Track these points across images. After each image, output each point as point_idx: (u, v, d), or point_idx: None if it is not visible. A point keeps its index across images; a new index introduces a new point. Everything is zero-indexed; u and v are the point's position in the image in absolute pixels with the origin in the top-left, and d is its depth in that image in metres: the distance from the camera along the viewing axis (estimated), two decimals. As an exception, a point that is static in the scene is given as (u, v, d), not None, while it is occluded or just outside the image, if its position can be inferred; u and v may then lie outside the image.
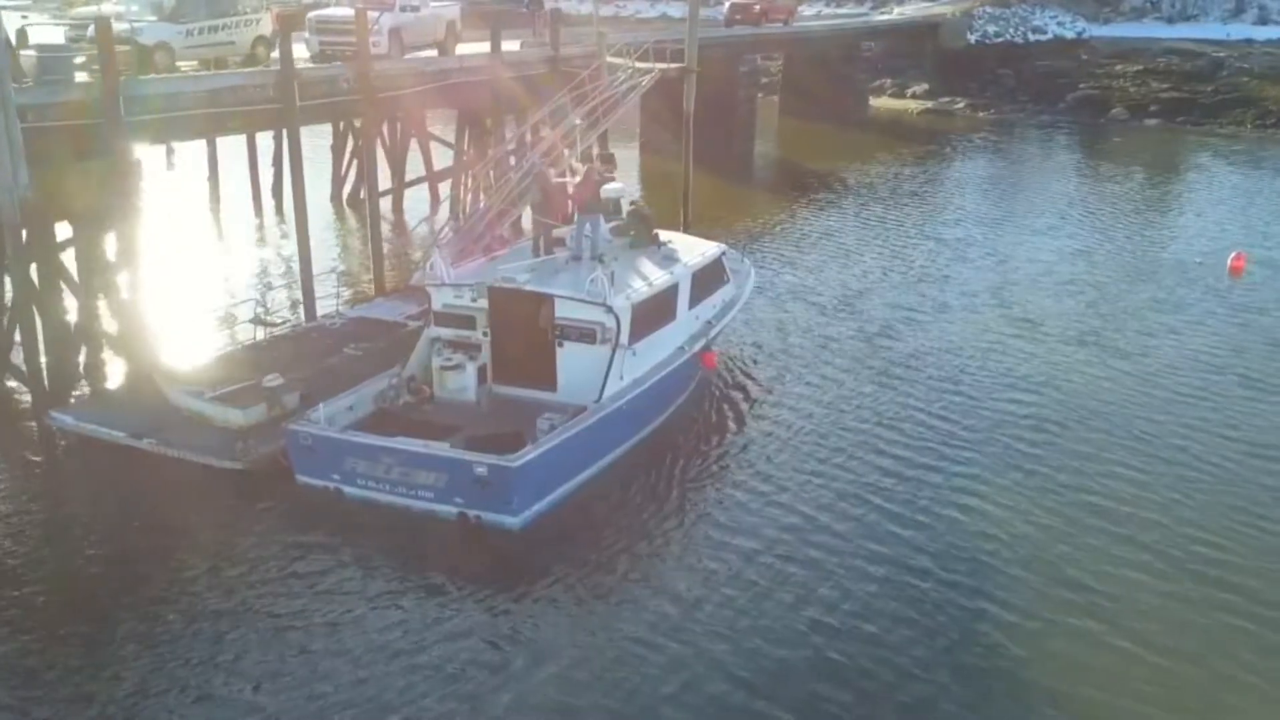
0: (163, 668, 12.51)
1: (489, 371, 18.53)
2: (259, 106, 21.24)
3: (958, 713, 12.01)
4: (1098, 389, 20.91)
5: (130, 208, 18.92)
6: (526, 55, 29.45)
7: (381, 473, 15.76)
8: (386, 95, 23.80)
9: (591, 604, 13.99)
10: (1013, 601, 14.01)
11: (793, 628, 13.43)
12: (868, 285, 27.74)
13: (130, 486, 16.53)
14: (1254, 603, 13.91)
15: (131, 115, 18.55)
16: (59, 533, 15.60)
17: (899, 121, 59.06)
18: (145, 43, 22.66)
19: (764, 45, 54.82)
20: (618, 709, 12.00)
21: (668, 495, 16.88)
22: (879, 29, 65.08)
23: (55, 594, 14.06)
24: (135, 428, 17.16)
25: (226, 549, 14.95)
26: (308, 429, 16.12)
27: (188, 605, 13.75)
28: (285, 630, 13.24)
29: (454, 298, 18.48)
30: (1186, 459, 18.00)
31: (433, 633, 13.21)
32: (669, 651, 12.93)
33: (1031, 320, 24.99)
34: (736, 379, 21.60)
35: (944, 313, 25.52)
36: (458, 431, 16.92)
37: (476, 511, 15.32)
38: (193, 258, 27.76)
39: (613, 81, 30.39)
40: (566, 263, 18.97)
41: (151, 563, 14.71)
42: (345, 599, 13.88)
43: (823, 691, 12.28)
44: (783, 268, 29.56)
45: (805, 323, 24.72)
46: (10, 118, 16.62)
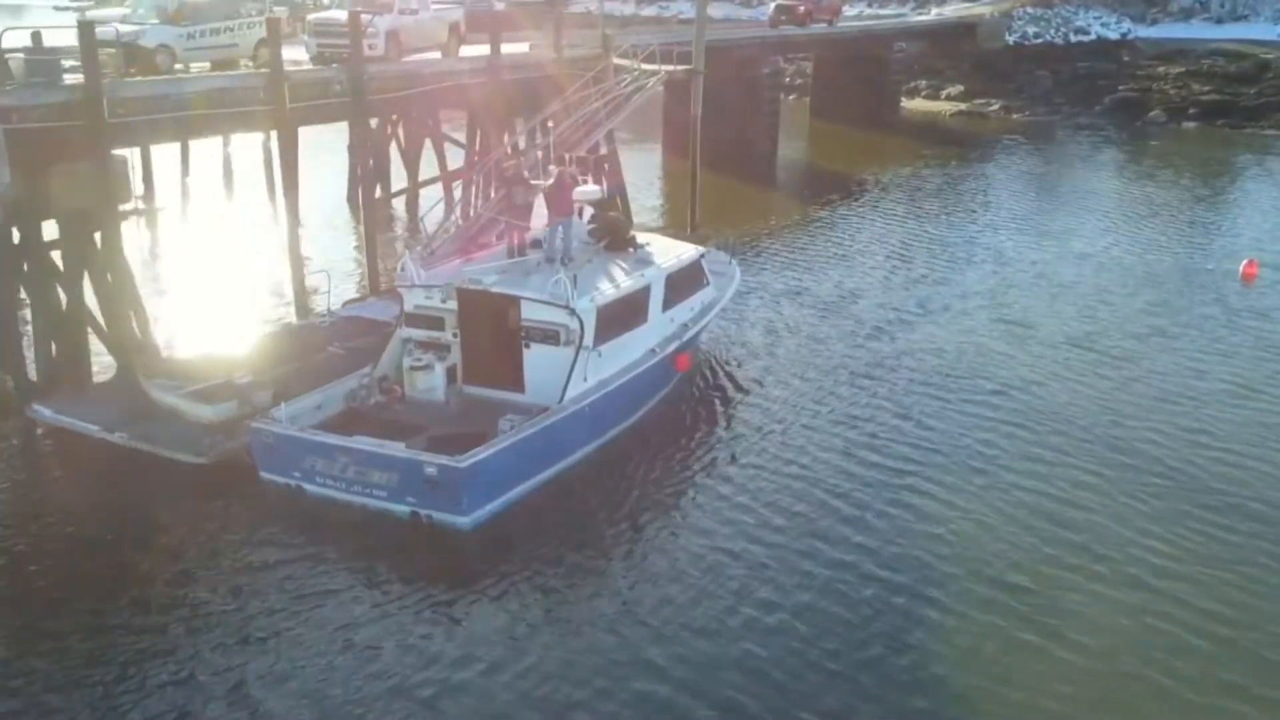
0: (102, 655, 12.80)
1: (459, 372, 18.71)
2: (250, 108, 21.54)
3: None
4: (1079, 394, 20.69)
5: (115, 207, 19.34)
6: (528, 58, 29.56)
7: (338, 471, 15.99)
8: (378, 98, 24.02)
9: (532, 603, 14.04)
10: (951, 607, 13.93)
11: (725, 627, 13.44)
12: (868, 289, 27.56)
13: (100, 478, 16.93)
14: (1242, 628, 13.65)
15: (116, 117, 18.94)
16: (19, 520, 15.98)
17: (930, 124, 58.53)
18: (147, 45, 23.19)
19: (790, 47, 54.69)
20: (540, 703, 12.09)
21: (627, 497, 16.88)
22: (914, 30, 64.53)
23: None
24: (109, 421, 17.57)
25: (181, 542, 15.28)
26: (269, 427, 16.39)
27: (134, 595, 14.06)
28: (223, 620, 13.49)
29: (424, 299, 18.70)
30: (1159, 466, 17.76)
31: (369, 627, 13.39)
32: (600, 649, 13.02)
33: (1026, 324, 24.74)
34: (718, 381, 21.61)
35: (938, 317, 25.30)
36: (423, 431, 17.12)
37: (428, 511, 15.50)
38: (191, 255, 28.34)
39: (619, 83, 30.57)
40: (538, 265, 19.10)
41: (104, 553, 15.05)
42: (289, 592, 14.10)
43: (746, 691, 12.30)
44: (785, 269, 29.49)
45: (798, 325, 24.65)
46: (-9, 119, 17.11)
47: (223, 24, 24.93)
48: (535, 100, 28.39)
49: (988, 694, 12.42)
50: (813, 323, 24.86)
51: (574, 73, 29.31)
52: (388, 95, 24.37)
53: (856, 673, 12.67)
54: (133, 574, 14.63)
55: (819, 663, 12.83)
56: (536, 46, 32.16)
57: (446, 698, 12.17)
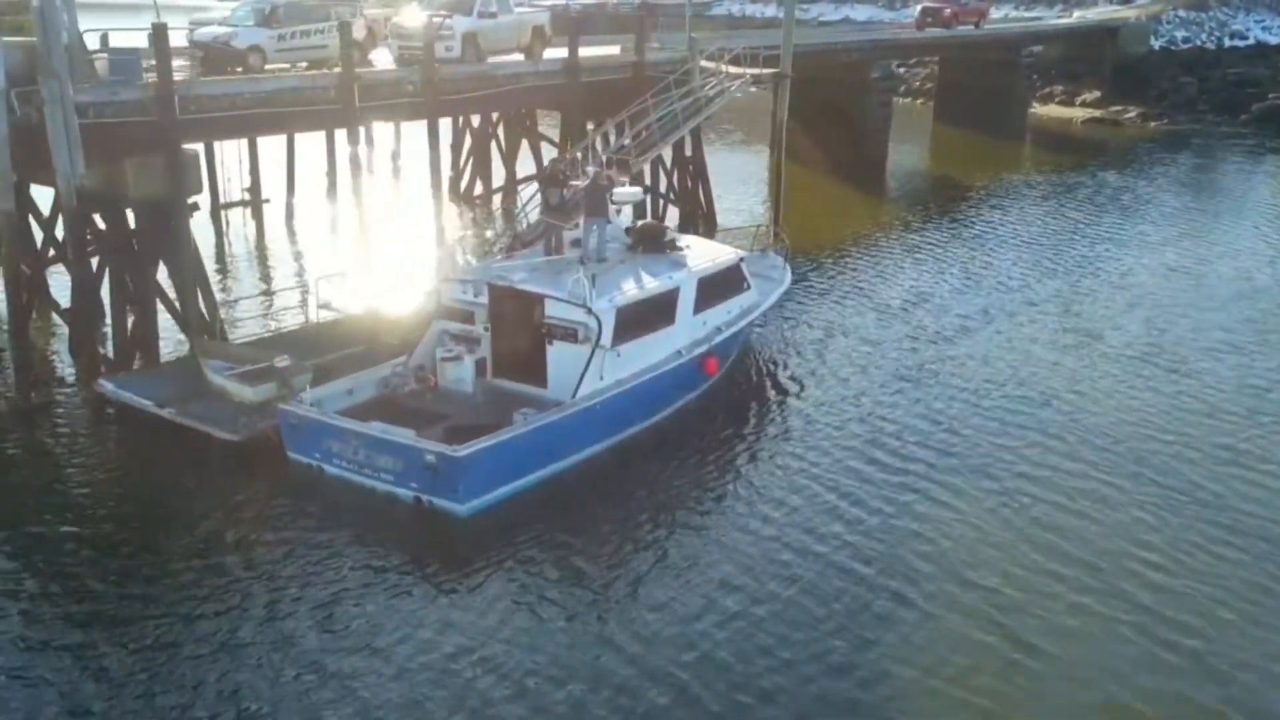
0: (112, 602, 13.91)
1: (489, 365, 19.34)
2: (320, 107, 22.70)
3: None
4: (1125, 409, 20.22)
5: (184, 197, 20.67)
6: (607, 60, 30.07)
7: (351, 454, 16.81)
8: (449, 98, 24.91)
9: (510, 592, 14.41)
10: (938, 616, 13.86)
11: (698, 632, 13.52)
12: (940, 296, 27.13)
13: (146, 449, 18.23)
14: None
15: (187, 113, 20.28)
16: (69, 483, 17.37)
17: (1059, 131, 56.68)
18: (239, 46, 24.69)
19: (908, 50, 53.90)
20: (487, 686, 12.56)
21: (635, 496, 17.10)
22: (1052, 33, 62.52)
23: (48, 536, 15.70)
24: (162, 397, 18.85)
25: (202, 510, 16.30)
26: (295, 409, 17.34)
27: (147, 555, 15.21)
28: (221, 583, 14.41)
29: (460, 292, 19.40)
30: (1190, 488, 17.23)
31: (354, 596, 14.14)
32: (566, 645, 13.31)
33: (1090, 336, 24.27)
34: (758, 382, 21.73)
35: (1001, 325, 24.87)
36: (443, 420, 17.83)
37: (428, 496, 16.16)
38: (282, 244, 29.89)
39: (702, 86, 30.84)
40: (569, 264, 19.56)
41: (133, 514, 16.32)
42: (287, 562, 14.95)
43: (712, 691, 12.47)
44: (860, 272, 29.25)
45: (855, 329, 24.47)
46: (69, 113, 18.55)
47: (314, 27, 26.26)
48: (614, 102, 28.84)
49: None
50: (871, 327, 24.66)
51: (656, 75, 29.69)
52: (458, 96, 25.16)
53: (826, 666, 12.89)
54: (150, 535, 15.77)
55: (793, 662, 13.00)
56: (627, 50, 32.66)
57: (400, 671, 12.72)
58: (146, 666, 12.80)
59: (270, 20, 25.41)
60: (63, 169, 18.80)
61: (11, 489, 17.12)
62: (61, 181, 18.92)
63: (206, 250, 30.09)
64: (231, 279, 28.26)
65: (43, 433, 19.13)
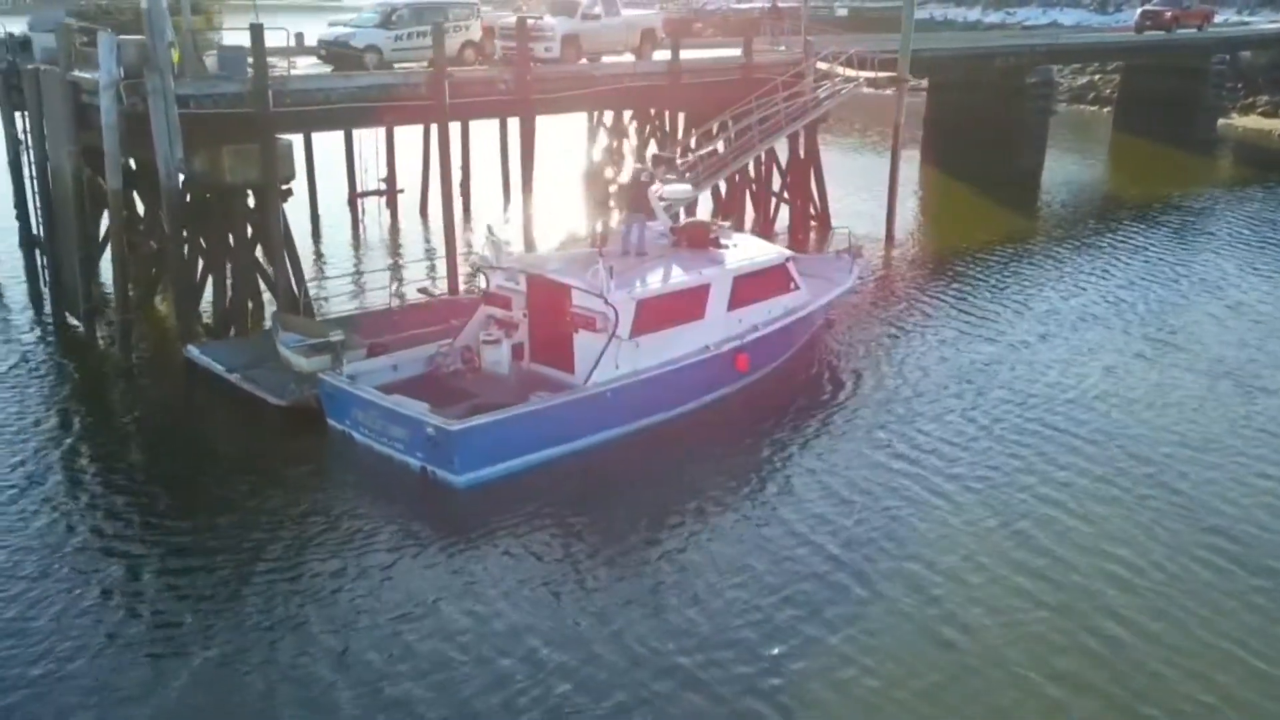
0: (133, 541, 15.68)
1: (526, 350, 20.32)
2: (412, 103, 24.25)
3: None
4: (1186, 440, 19.19)
5: (278, 183, 22.59)
6: (713, 63, 30.52)
7: (372, 423, 18.15)
8: (542, 97, 26.00)
9: (491, 565, 15.17)
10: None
11: (653, 632, 13.74)
12: (1053, 327, 25.16)
13: (211, 407, 20.34)
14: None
15: (282, 106, 22.17)
16: (143, 432, 19.57)
17: (1254, 143, 53.00)
18: (357, 45, 26.60)
19: (1073, 55, 51.75)
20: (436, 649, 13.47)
21: (640, 484, 17.59)
22: (1259, 39, 58.30)
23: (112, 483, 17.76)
24: (233, 364, 20.80)
25: (235, 464, 18.09)
26: (331, 380, 18.83)
27: (176, 499, 17.08)
28: (232, 530, 16.01)
29: (503, 280, 20.46)
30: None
31: (346, 551, 15.40)
32: (529, 612, 14.03)
33: (1190, 370, 22.75)
34: (800, 385, 21.67)
35: (1083, 340, 23.87)
36: (471, 399, 18.93)
37: (431, 466, 17.29)
38: (398, 232, 31.83)
39: (814, 89, 30.89)
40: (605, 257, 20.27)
41: (180, 462, 18.26)
42: (299, 512, 16.51)
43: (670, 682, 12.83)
44: (968, 286, 28.41)
45: (934, 348, 23.81)
46: (170, 104, 20.71)
47: (428, 27, 27.90)
48: (720, 104, 29.26)
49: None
50: (951, 342, 24.05)
51: (765, 77, 29.92)
52: (550, 95, 26.24)
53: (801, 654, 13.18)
54: (195, 479, 17.73)
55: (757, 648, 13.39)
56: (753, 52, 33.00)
57: (370, 625, 13.80)
58: (181, 571, 14.85)
59: (388, 22, 27.18)
60: (163, 154, 20.98)
61: (103, 433, 19.53)
62: (161, 165, 21.09)
63: (340, 235, 32.78)
64: (344, 261, 30.35)
65: (136, 389, 21.41)
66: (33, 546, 15.44)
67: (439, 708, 12.32)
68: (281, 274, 23.05)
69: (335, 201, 34.52)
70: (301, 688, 12.62)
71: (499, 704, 12.38)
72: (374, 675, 12.82)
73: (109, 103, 20.59)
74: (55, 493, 17.10)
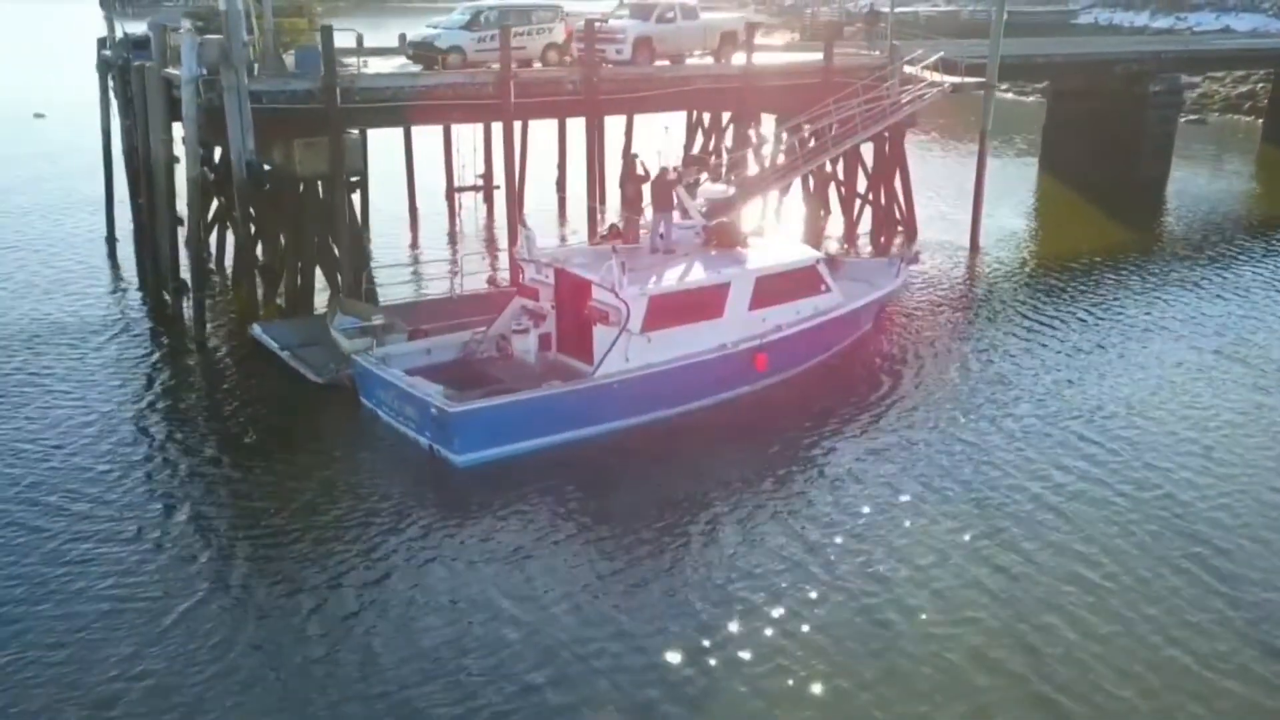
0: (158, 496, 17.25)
1: (553, 340, 21.09)
2: (478, 101, 25.36)
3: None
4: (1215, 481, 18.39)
5: (344, 175, 24.01)
6: (790, 66, 30.63)
7: (391, 402, 19.25)
8: (607, 98, 26.75)
9: (474, 544, 15.94)
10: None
11: (609, 622, 14.20)
12: (1129, 348, 24.13)
13: (268, 382, 21.79)
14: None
15: (350, 103, 23.58)
16: (201, 398, 21.42)
17: None
18: (441, 46, 27.91)
19: (1204, 63, 49.16)
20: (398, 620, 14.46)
21: (642, 475, 18.13)
22: None
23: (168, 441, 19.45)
24: (287, 342, 22.32)
25: (267, 433, 19.57)
26: (361, 361, 20.01)
27: (226, 459, 18.73)
28: (251, 495, 17.42)
29: (534, 273, 21.29)
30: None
31: (348, 516, 16.60)
32: (504, 590, 14.75)
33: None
34: (824, 388, 21.69)
35: (1139, 372, 23.03)
36: (491, 384, 19.84)
37: (436, 445, 18.25)
38: (486, 226, 33.11)
39: (899, 93, 30.65)
40: (630, 253, 20.85)
41: (232, 428, 19.98)
42: (313, 474, 17.92)
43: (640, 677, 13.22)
44: (1045, 298, 27.75)
45: (980, 357, 23.54)
46: (244, 100, 22.35)
47: (512, 29, 28.99)
48: (798, 106, 29.39)
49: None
50: (999, 348, 23.83)
51: (845, 81, 29.87)
52: (617, 96, 26.95)
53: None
54: (219, 441, 19.38)
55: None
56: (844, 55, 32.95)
57: (349, 587, 14.88)
58: (200, 507, 16.76)
59: (472, 24, 28.40)
60: (235, 146, 22.65)
61: (169, 397, 21.52)
62: (234, 156, 22.76)
63: (434, 227, 34.31)
64: (424, 251, 31.95)
65: (204, 362, 23.20)
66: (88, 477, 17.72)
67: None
68: (346, 261, 24.47)
69: (434, 195, 36.07)
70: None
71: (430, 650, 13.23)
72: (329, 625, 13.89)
73: (189, 97, 22.37)
74: (121, 437, 19.34)
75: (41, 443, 18.94)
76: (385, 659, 13.29)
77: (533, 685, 12.87)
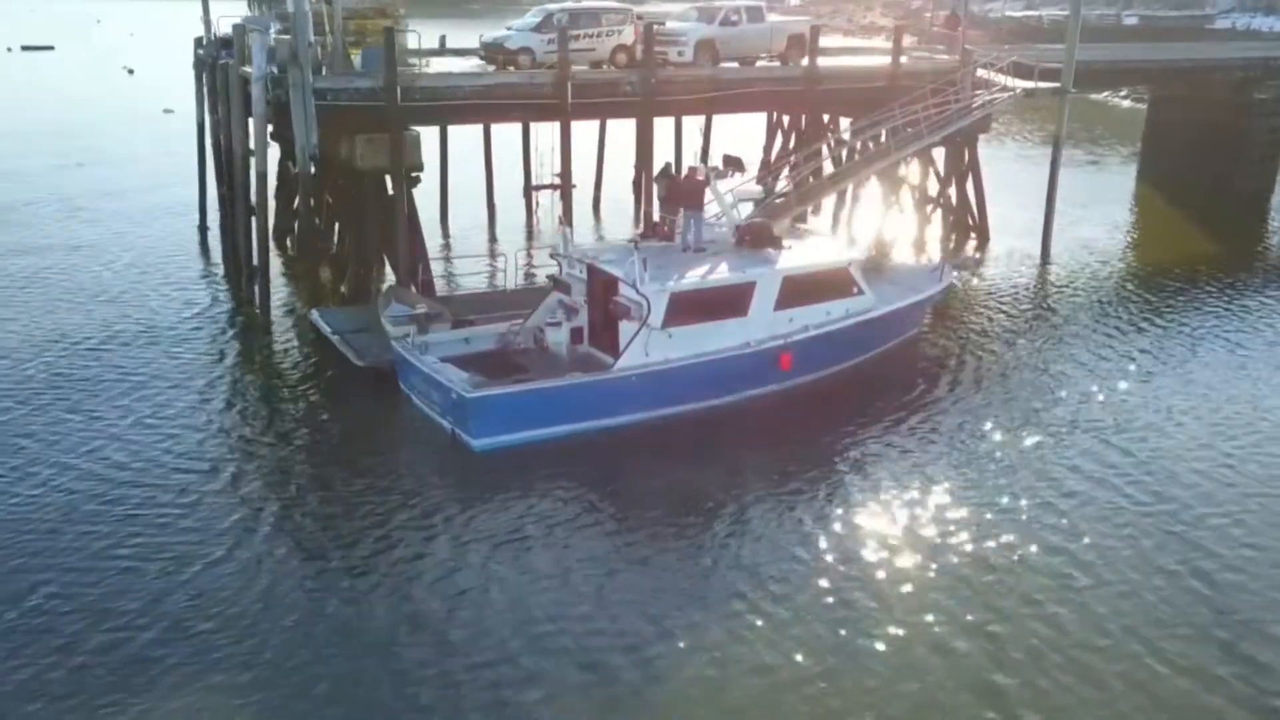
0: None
1: (584, 333, 21.69)
2: (535, 101, 26.15)
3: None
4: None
5: (403, 170, 25.06)
6: (855, 70, 30.58)
7: (421, 386, 20.15)
8: (664, 99, 27.24)
9: (485, 526, 16.63)
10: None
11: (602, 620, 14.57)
12: (1190, 370, 23.33)
13: (322, 363, 23.09)
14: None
15: (410, 101, 24.62)
16: (260, 375, 22.85)
17: None
18: (511, 47, 28.85)
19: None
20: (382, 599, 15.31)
21: (649, 467, 18.60)
22: None
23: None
24: (339, 327, 23.48)
25: (304, 411, 20.84)
26: (398, 346, 20.95)
27: (265, 430, 19.95)
28: (276, 465, 18.59)
29: (568, 268, 21.93)
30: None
31: (362, 491, 17.60)
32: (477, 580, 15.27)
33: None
34: (855, 390, 21.73)
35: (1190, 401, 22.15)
36: (521, 373, 20.57)
37: (456, 428, 19.06)
38: (544, 221, 34.10)
39: (970, 98, 30.37)
40: (661, 251, 21.32)
41: (264, 405, 21.26)
42: (341, 449, 19.15)
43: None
44: (1099, 310, 27.25)
45: (1021, 368, 23.25)
46: (308, 96, 23.56)
47: (584, 31, 29.70)
48: (862, 110, 29.42)
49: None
50: (1041, 361, 23.53)
51: (913, 85, 29.71)
52: (675, 98, 27.42)
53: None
54: (261, 414, 20.77)
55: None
56: (919, 57, 32.74)
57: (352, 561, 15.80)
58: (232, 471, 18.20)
59: (542, 26, 29.23)
60: (300, 141, 23.88)
61: (231, 373, 23.02)
62: (299, 151, 24.02)
63: (513, 221, 35.34)
64: (491, 245, 33.18)
65: (266, 343, 24.57)
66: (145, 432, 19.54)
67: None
68: (404, 252, 25.53)
69: (514, 193, 37.07)
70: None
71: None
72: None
73: (258, 93, 23.70)
74: (181, 405, 20.96)
75: (117, 405, 20.75)
76: (370, 619, 14.18)
77: (498, 659, 13.53)
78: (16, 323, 25.33)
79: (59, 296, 27.25)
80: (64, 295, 27.39)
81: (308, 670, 13.24)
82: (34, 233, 33.87)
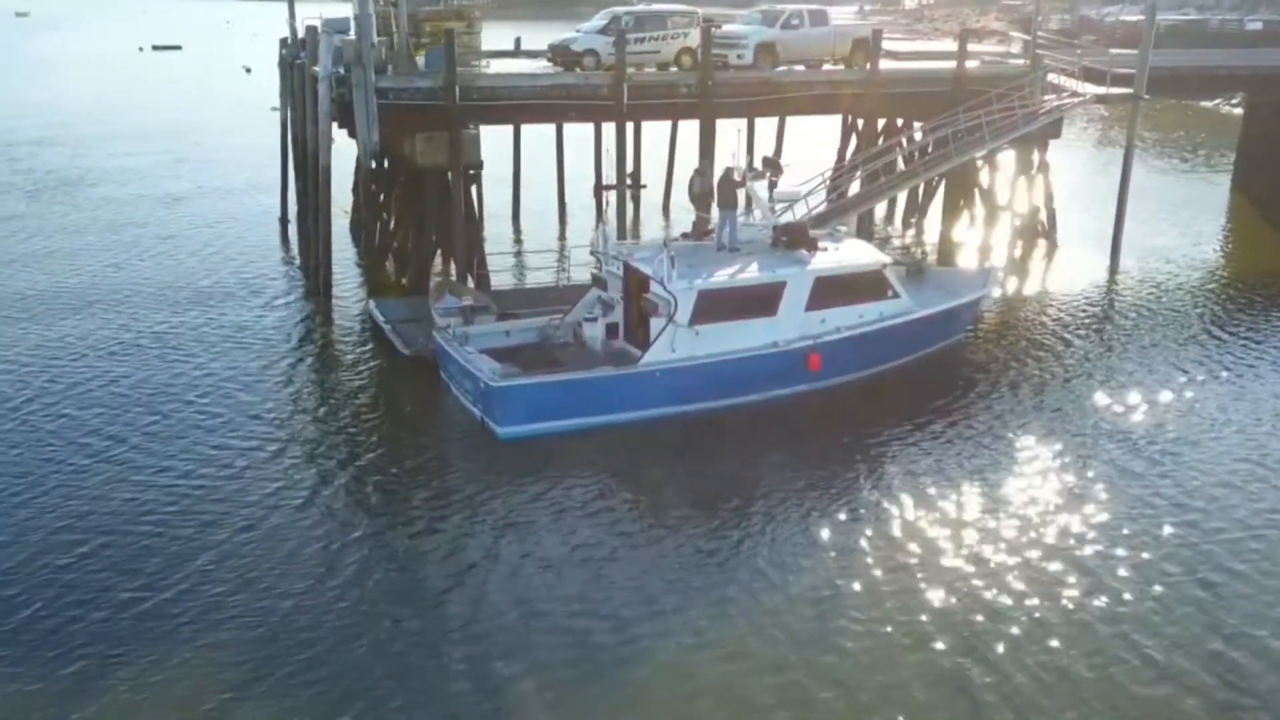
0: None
1: (620, 329, 22.21)
2: (591, 102, 26.79)
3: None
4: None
5: (462, 167, 25.96)
6: (919, 73, 30.44)
7: (456, 374, 20.94)
8: (722, 101, 27.60)
9: (498, 512, 17.21)
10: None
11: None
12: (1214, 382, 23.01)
13: (374, 350, 24.12)
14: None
15: (469, 101, 25.50)
16: (316, 359, 24.03)
17: None
18: (576, 49, 29.59)
19: None
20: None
21: (670, 461, 18.95)
22: None
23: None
24: (393, 318, 24.48)
25: (349, 395, 21.94)
26: (438, 336, 21.79)
27: (311, 411, 21.07)
28: (317, 443, 19.61)
29: (606, 265, 22.48)
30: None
31: (388, 470, 18.56)
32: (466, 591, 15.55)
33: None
34: (890, 393, 21.73)
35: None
36: (557, 366, 21.21)
37: (485, 417, 19.78)
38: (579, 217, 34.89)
39: (1038, 103, 29.99)
40: (693, 250, 21.71)
41: (316, 388, 22.51)
42: (375, 430, 20.22)
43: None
44: (1162, 330, 26.28)
45: (1070, 381, 22.82)
46: (370, 96, 24.65)
47: (648, 34, 30.27)
48: (922, 114, 29.34)
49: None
50: (1089, 373, 23.17)
51: (978, 90, 29.47)
52: (729, 100, 27.76)
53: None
54: (308, 403, 21.68)
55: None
56: (987, 60, 32.43)
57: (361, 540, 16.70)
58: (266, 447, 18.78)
59: (608, 29, 29.87)
60: (362, 138, 25.00)
61: (289, 361, 24.00)
62: (361, 148, 25.13)
63: (583, 221, 36.00)
64: (560, 241, 33.95)
65: (327, 331, 25.77)
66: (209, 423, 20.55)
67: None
68: (460, 246, 26.44)
69: (586, 191, 37.78)
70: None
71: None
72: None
73: (323, 92, 24.90)
74: (233, 386, 22.17)
75: (187, 382, 22.24)
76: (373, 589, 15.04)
77: (493, 629, 14.16)
78: (114, 295, 27.69)
79: (136, 290, 28.64)
80: (141, 286, 28.92)
81: (313, 628, 14.14)
82: (134, 221, 36.00)
